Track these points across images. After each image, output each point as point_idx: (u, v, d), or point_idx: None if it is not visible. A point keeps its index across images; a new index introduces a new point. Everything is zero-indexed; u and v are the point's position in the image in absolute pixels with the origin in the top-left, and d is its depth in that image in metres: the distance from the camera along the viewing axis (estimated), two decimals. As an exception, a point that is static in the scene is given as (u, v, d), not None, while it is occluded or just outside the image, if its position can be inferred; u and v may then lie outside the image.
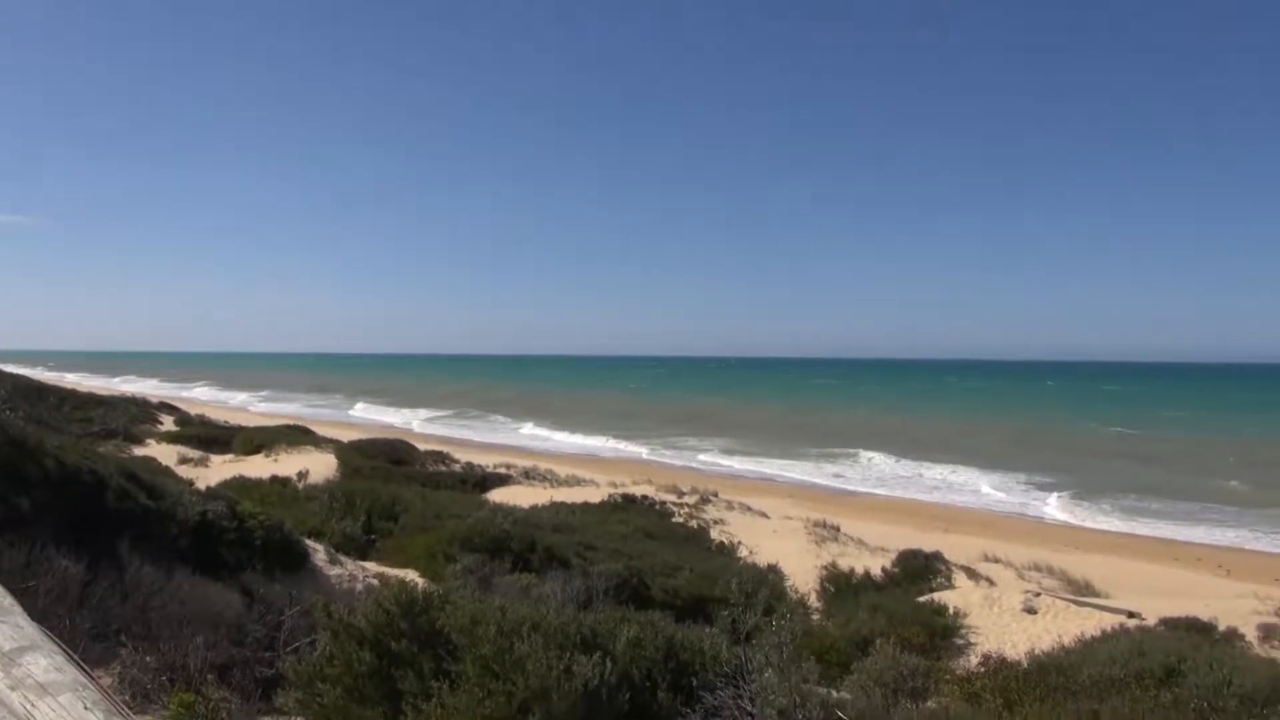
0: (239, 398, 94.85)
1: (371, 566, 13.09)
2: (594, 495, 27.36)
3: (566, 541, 16.44)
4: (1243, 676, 9.28)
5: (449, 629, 5.24)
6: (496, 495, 26.90)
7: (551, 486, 30.89)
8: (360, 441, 35.58)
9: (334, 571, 11.45)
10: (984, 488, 40.75)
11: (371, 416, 76.03)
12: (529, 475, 33.18)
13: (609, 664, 4.91)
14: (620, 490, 28.83)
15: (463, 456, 36.99)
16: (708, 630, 6.17)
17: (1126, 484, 40.61)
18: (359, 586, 10.92)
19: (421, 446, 37.00)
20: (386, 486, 21.13)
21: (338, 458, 30.07)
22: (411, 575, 11.78)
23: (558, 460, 43.49)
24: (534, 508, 21.96)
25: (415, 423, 69.53)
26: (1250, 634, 14.22)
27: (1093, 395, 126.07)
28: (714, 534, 23.41)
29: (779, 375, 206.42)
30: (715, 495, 29.62)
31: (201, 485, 14.32)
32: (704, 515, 25.99)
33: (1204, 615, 14.71)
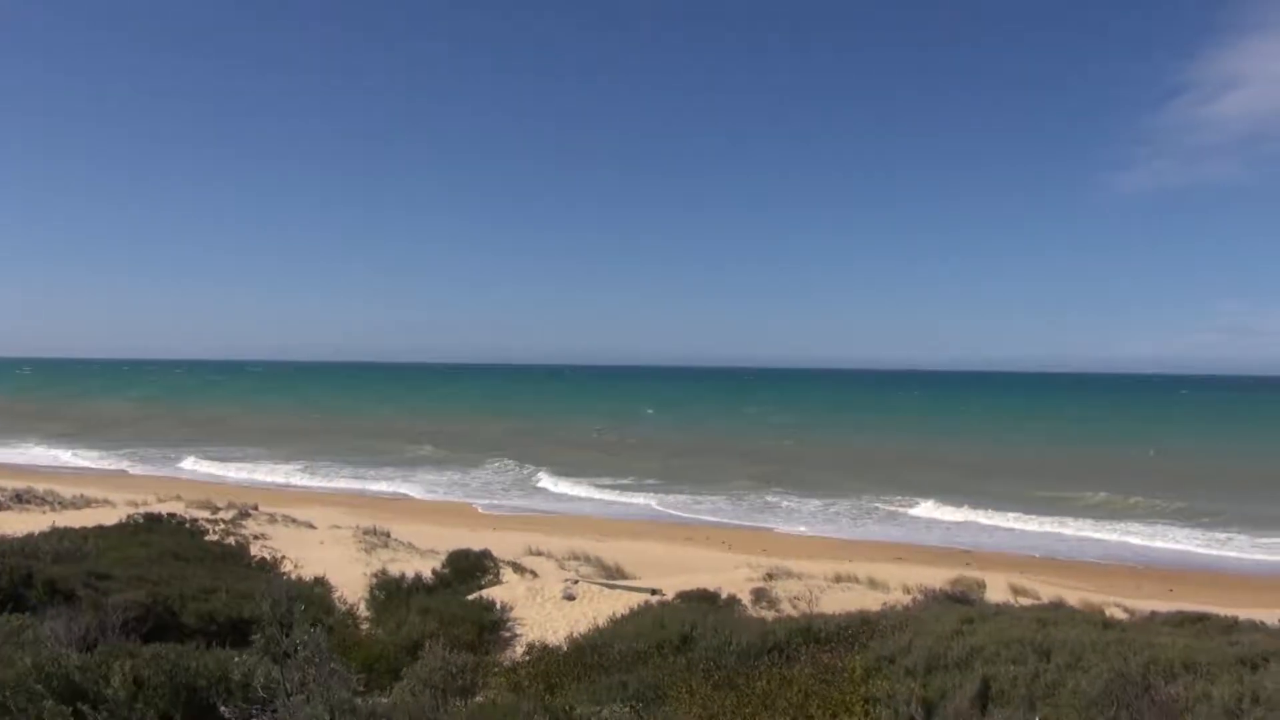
0: None
1: None
2: (110, 517, 24.08)
3: (72, 572, 14.23)
4: (740, 636, 10.83)
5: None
6: (-24, 525, 22.50)
7: (54, 510, 26.71)
8: None
9: None
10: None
11: None
12: (22, 498, 28.37)
13: (99, 711, 4.29)
14: (143, 509, 25.71)
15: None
16: (239, 655, 5.71)
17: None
18: None
19: None
20: None
21: None
22: None
23: (62, 480, 37.76)
24: (30, 536, 18.70)
25: None
26: (746, 598, 16.60)
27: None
28: (255, 550, 21.79)
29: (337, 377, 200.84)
30: (255, 509, 27.69)
31: None
32: (243, 530, 24.12)
33: (711, 586, 16.92)
